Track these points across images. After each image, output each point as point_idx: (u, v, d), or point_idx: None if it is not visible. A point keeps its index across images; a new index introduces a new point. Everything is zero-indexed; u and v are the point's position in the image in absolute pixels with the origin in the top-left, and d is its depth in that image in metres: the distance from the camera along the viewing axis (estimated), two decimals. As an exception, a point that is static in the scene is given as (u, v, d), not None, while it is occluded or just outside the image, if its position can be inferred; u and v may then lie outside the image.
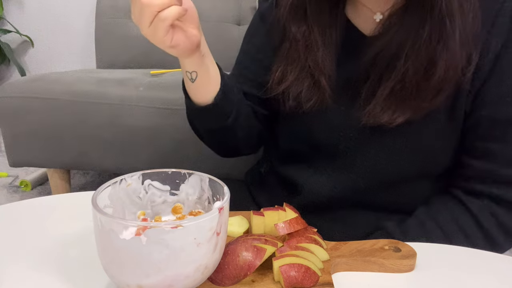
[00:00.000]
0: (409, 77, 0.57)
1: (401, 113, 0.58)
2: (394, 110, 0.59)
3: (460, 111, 0.60)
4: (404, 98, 0.58)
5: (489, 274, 0.49)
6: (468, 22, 0.55)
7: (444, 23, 0.54)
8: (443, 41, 0.55)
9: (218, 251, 0.41)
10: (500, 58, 0.57)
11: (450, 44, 0.55)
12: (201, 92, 0.63)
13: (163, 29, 0.49)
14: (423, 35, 0.55)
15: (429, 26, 0.55)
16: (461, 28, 0.55)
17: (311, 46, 0.64)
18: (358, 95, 0.63)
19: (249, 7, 1.94)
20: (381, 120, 0.59)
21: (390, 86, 0.58)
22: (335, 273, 0.48)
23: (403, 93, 0.58)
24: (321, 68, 0.63)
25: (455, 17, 0.54)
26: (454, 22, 0.54)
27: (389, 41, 0.58)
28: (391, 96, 0.59)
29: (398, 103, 0.59)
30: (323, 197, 0.68)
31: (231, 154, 0.79)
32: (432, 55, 0.56)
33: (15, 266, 0.47)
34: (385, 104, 0.59)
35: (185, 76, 0.62)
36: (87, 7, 2.28)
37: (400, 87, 0.58)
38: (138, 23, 0.50)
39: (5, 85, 1.42)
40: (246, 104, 0.72)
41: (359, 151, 0.65)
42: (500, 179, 0.60)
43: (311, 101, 0.64)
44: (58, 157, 1.44)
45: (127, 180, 0.46)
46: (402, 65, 0.57)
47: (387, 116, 0.59)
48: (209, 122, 0.68)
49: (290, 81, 0.65)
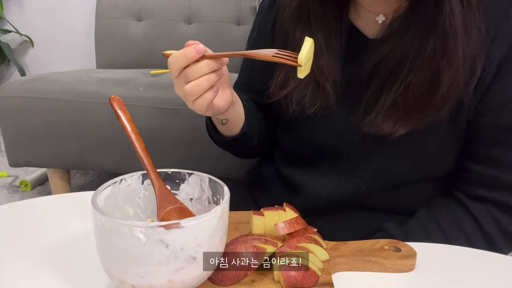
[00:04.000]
0: (413, 90, 0.56)
1: (402, 125, 0.58)
2: (395, 122, 0.58)
3: (463, 118, 0.60)
4: (406, 111, 0.58)
5: (489, 274, 0.49)
6: (472, 37, 0.54)
7: (447, 38, 0.53)
8: (446, 56, 0.54)
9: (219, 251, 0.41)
10: (503, 66, 0.57)
11: (453, 60, 0.54)
12: (231, 129, 0.68)
13: (203, 109, 0.54)
14: (427, 48, 0.54)
15: (433, 39, 0.54)
16: (464, 45, 0.54)
17: (315, 52, 0.63)
18: (359, 101, 0.62)
19: (249, 7, 1.94)
20: (382, 131, 0.59)
21: (393, 98, 0.58)
22: (335, 273, 0.48)
23: (406, 106, 0.57)
24: (326, 74, 0.63)
25: (458, 33, 0.53)
26: (457, 38, 0.53)
27: (392, 47, 0.57)
28: (393, 108, 0.58)
29: (400, 115, 0.58)
30: (324, 199, 0.68)
31: (251, 157, 0.87)
32: (436, 70, 0.55)
33: (15, 266, 0.47)
34: (386, 115, 0.59)
35: (215, 120, 0.67)
36: (87, 7, 2.27)
37: (403, 100, 0.57)
38: (183, 98, 0.55)
39: (5, 85, 1.42)
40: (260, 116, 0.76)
41: (362, 155, 0.64)
42: (502, 184, 0.60)
43: (315, 106, 0.64)
44: (58, 157, 1.44)
45: (127, 180, 0.46)
46: (405, 77, 0.56)
47: (388, 127, 0.58)
48: (236, 147, 0.73)
49: (293, 86, 0.65)
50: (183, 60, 0.50)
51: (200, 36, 1.95)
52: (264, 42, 0.73)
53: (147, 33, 1.97)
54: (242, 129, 0.68)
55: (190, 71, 0.50)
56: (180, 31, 1.97)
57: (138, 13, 1.99)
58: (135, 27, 1.98)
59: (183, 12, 1.97)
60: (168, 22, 1.97)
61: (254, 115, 0.72)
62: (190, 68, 0.50)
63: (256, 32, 0.75)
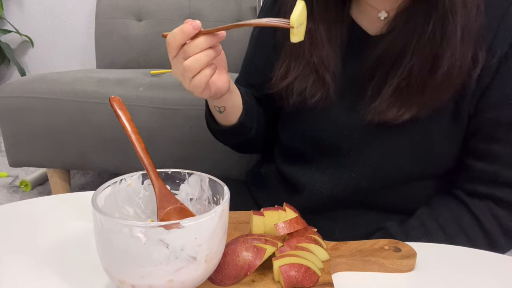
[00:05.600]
0: (415, 73, 0.57)
1: (406, 109, 0.58)
2: (399, 106, 0.59)
3: (464, 113, 0.60)
4: (409, 95, 0.58)
5: (489, 274, 0.49)
6: (471, 17, 0.55)
7: (447, 17, 0.54)
8: (446, 36, 0.55)
9: (219, 251, 0.41)
10: (506, 60, 0.57)
11: (451, 38, 0.55)
12: (228, 118, 0.68)
13: (201, 87, 0.54)
14: (427, 31, 0.55)
15: (433, 21, 0.55)
16: (463, 24, 0.55)
17: (316, 43, 0.64)
18: (363, 93, 0.63)
19: (249, 7, 1.94)
20: (386, 116, 0.59)
21: (396, 83, 0.58)
22: (335, 273, 0.48)
23: (409, 90, 0.58)
24: (326, 65, 0.64)
25: (458, 12, 0.54)
26: (456, 16, 0.54)
27: (394, 41, 0.58)
28: (397, 93, 0.59)
29: (404, 99, 0.59)
30: (324, 197, 0.68)
31: (250, 153, 0.87)
32: (436, 51, 0.56)
33: (15, 266, 0.47)
34: (391, 101, 0.59)
35: (213, 108, 0.67)
36: (87, 7, 2.28)
37: (406, 84, 0.58)
38: (180, 80, 0.55)
39: (5, 85, 1.42)
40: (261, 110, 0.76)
41: (362, 150, 0.65)
42: (502, 181, 0.60)
43: (315, 97, 0.64)
44: (58, 157, 1.44)
45: (127, 180, 0.46)
46: (407, 62, 0.57)
47: (393, 112, 0.59)
48: (234, 138, 0.74)
49: (294, 77, 0.65)
50: (181, 37, 0.50)
51: (200, 36, 1.95)
52: (265, 38, 0.73)
53: (147, 33, 1.97)
54: (239, 119, 0.68)
55: (188, 47, 0.51)
56: (180, 31, 1.97)
57: (138, 13, 1.99)
58: (135, 27, 1.98)
59: (183, 12, 1.97)
60: (168, 22, 1.97)
61: (253, 106, 0.72)
62: (188, 45, 0.51)
63: (258, 28, 0.75)
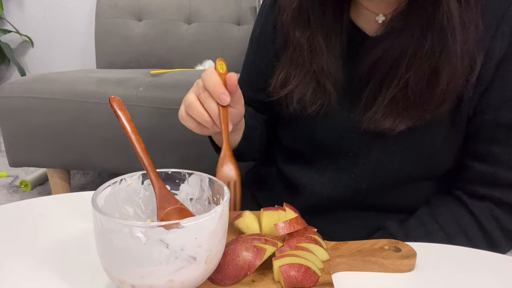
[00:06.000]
0: (412, 86, 0.57)
1: (402, 121, 0.58)
2: (395, 117, 0.58)
3: (463, 115, 0.60)
4: (406, 107, 0.58)
5: (489, 274, 0.49)
6: (470, 33, 0.55)
7: (445, 35, 0.54)
8: (445, 53, 0.54)
9: (219, 251, 0.41)
10: (504, 63, 0.57)
11: (451, 57, 0.54)
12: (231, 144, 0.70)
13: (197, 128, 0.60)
14: (425, 45, 0.55)
15: (431, 36, 0.54)
16: (462, 41, 0.54)
17: (315, 51, 0.63)
18: (359, 98, 0.63)
19: (249, 7, 1.94)
20: (382, 126, 0.59)
21: (392, 94, 0.58)
22: (335, 273, 0.48)
23: (405, 102, 0.58)
24: (326, 73, 0.63)
25: (456, 30, 0.53)
26: (455, 35, 0.53)
27: (391, 44, 0.58)
28: (393, 104, 0.58)
29: (400, 111, 0.58)
30: (324, 198, 0.68)
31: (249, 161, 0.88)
32: (434, 66, 0.55)
33: (15, 266, 0.47)
34: (386, 111, 0.59)
35: None
36: (87, 7, 2.28)
37: (403, 96, 0.58)
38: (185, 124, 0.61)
39: (5, 85, 1.42)
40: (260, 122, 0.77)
41: (362, 152, 0.65)
42: (502, 182, 0.60)
43: (316, 104, 0.64)
44: (58, 157, 1.44)
45: (127, 180, 0.46)
46: (403, 73, 0.57)
47: (388, 123, 0.59)
48: None
49: (294, 85, 0.65)
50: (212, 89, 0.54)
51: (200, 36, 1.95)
52: (266, 42, 0.73)
53: (147, 33, 1.97)
54: (237, 147, 0.69)
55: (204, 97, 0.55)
56: (180, 31, 1.97)
57: (138, 13, 1.99)
58: (135, 27, 1.98)
59: (183, 12, 1.97)
60: (168, 22, 1.97)
61: (256, 128, 0.73)
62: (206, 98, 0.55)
63: (258, 31, 0.75)
